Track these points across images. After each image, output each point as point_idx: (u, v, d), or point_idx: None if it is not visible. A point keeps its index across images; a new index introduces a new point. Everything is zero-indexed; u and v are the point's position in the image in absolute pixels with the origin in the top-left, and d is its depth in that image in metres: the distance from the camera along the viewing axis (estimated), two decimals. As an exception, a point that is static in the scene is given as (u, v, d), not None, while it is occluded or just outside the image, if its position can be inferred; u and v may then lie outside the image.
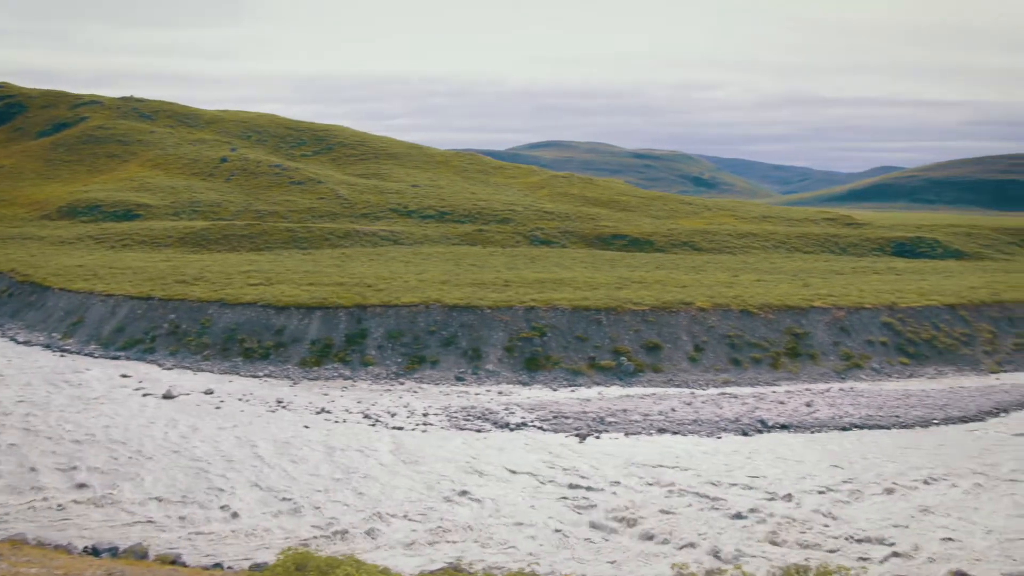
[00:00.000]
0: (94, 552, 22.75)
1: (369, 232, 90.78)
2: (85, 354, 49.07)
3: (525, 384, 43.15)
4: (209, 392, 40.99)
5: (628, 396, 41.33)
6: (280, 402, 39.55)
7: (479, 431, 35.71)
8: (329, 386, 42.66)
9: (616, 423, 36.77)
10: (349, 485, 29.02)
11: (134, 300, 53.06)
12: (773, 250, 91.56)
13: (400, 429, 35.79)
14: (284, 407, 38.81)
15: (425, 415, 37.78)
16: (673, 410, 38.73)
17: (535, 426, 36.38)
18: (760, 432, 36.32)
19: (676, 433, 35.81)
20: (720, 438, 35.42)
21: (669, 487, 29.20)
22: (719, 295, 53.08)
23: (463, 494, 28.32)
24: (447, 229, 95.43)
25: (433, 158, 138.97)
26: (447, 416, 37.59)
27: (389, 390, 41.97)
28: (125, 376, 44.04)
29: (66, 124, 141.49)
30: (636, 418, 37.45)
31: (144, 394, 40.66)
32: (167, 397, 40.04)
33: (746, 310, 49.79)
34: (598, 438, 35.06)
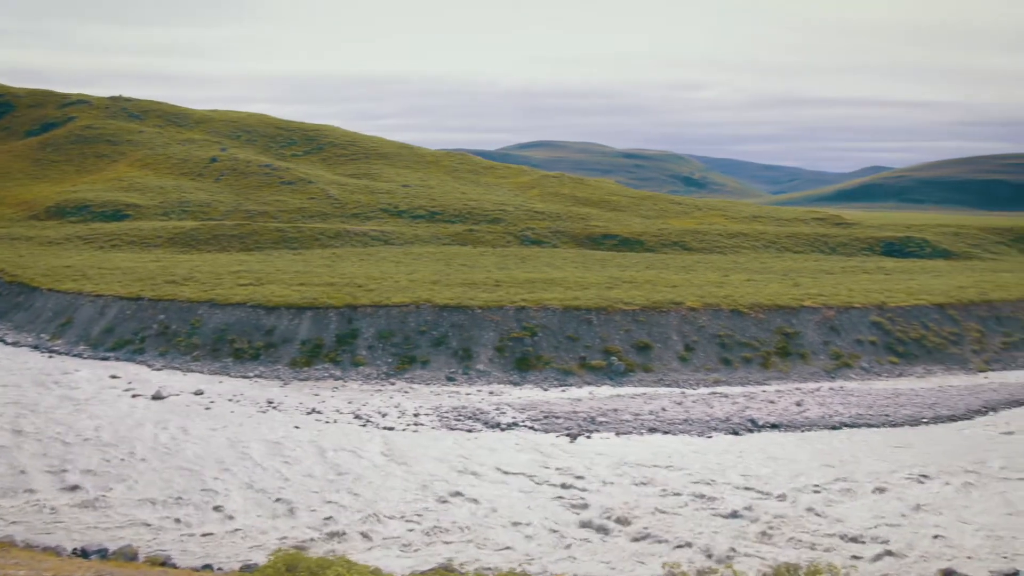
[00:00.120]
0: (83, 554, 22.64)
1: (359, 232, 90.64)
2: (74, 355, 48.83)
3: (516, 384, 43.15)
4: (199, 393, 40.85)
5: (619, 396, 41.37)
6: (271, 403, 39.44)
7: (470, 431, 35.69)
8: (320, 386, 42.57)
9: (607, 423, 36.81)
10: (340, 486, 28.96)
11: (123, 301, 52.84)
12: (763, 250, 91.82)
13: (391, 429, 35.74)
14: (275, 408, 38.71)
15: (416, 415, 37.74)
16: (664, 410, 38.79)
17: (526, 426, 36.38)
18: (751, 431, 36.41)
19: (667, 433, 35.87)
20: (711, 437, 35.49)
21: (660, 487, 29.24)
22: (709, 295, 53.19)
23: (455, 494, 28.29)
24: (438, 229, 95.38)
25: (424, 158, 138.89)
26: (438, 416, 37.56)
27: (380, 390, 41.91)
28: (114, 377, 43.85)
29: (54, 124, 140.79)
30: (627, 418, 37.50)
31: (134, 395, 40.49)
32: (157, 398, 39.87)
33: (736, 310, 49.91)
34: (589, 438, 35.09)
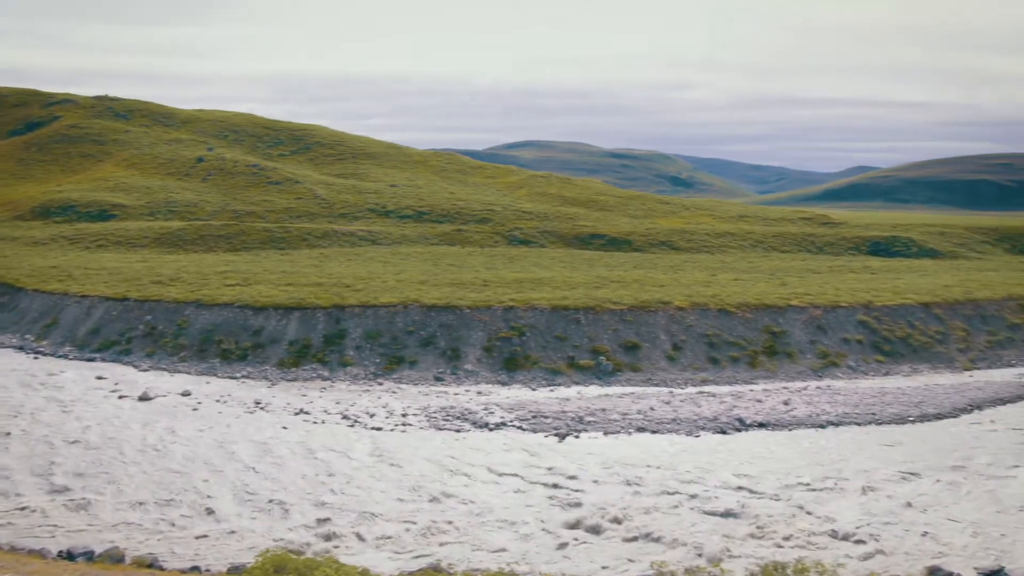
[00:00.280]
0: (69, 556, 22.48)
1: (347, 232, 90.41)
2: (60, 356, 48.51)
3: (504, 384, 43.13)
4: (186, 394, 40.65)
5: (607, 395, 41.42)
6: (258, 403, 39.29)
7: (458, 431, 35.65)
8: (307, 387, 42.43)
9: (595, 422, 36.83)
10: (328, 486, 28.88)
11: (109, 301, 52.54)
12: (750, 249, 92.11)
13: (379, 430, 35.66)
14: (262, 408, 38.56)
15: (404, 415, 37.66)
16: (652, 409, 38.84)
17: (514, 426, 36.36)
18: (738, 430, 36.50)
19: (655, 432, 35.92)
20: (699, 437, 35.56)
21: (650, 486, 29.28)
22: (697, 294, 53.32)
23: (443, 494, 28.26)
24: (426, 229, 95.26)
25: (411, 158, 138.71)
26: (426, 416, 37.49)
27: (368, 391, 41.81)
28: (101, 378, 43.58)
29: (39, 123, 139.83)
30: (615, 417, 37.53)
31: (120, 396, 40.24)
32: (144, 399, 39.65)
33: (724, 309, 50.05)
34: (577, 437, 35.10)
